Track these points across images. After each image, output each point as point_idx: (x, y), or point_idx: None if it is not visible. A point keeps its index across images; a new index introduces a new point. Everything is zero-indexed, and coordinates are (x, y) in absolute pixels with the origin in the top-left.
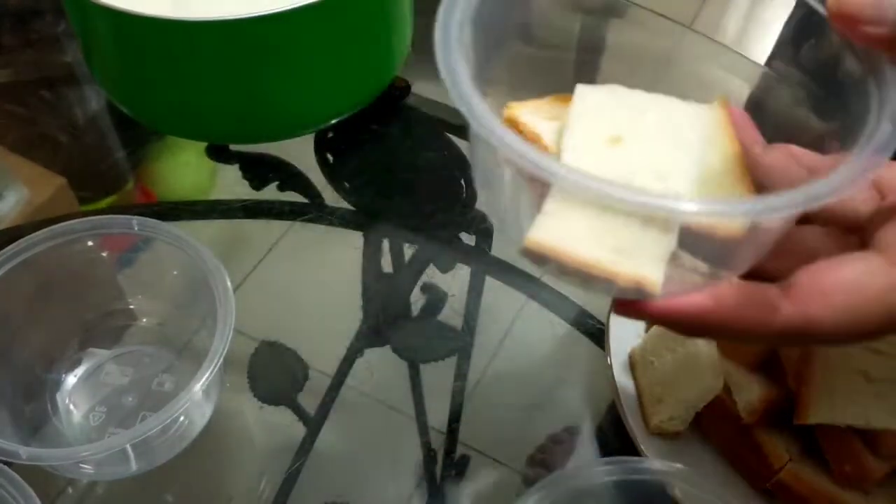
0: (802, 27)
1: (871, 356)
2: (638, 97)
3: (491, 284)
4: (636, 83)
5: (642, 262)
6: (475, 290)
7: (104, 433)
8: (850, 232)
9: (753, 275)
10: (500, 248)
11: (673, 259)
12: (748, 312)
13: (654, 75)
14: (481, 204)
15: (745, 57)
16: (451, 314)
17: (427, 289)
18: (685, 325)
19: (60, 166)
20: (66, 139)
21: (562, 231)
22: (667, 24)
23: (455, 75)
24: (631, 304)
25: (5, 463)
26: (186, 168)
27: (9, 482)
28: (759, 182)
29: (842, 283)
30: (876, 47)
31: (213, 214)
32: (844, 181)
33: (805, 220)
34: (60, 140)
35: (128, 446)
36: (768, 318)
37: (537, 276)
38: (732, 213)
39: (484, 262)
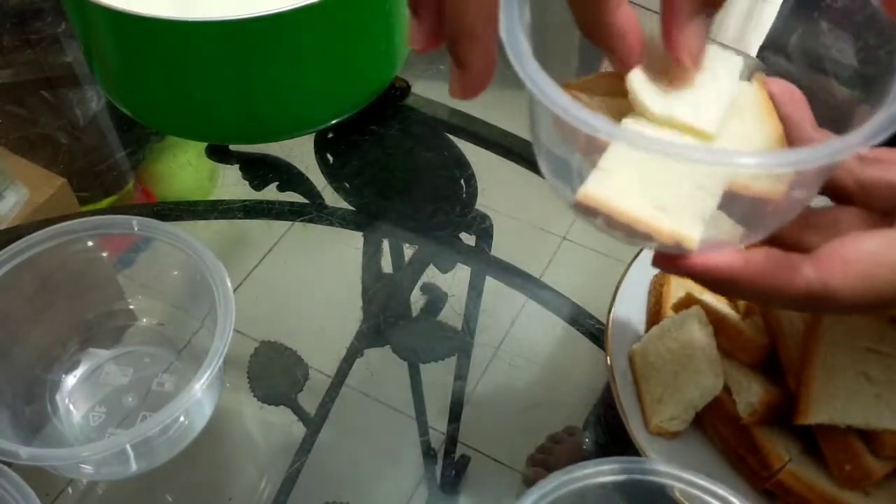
0: (790, 18)
1: (871, 357)
2: None
3: (491, 284)
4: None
5: (683, 219)
6: (475, 290)
7: (104, 433)
8: (886, 215)
9: (792, 249)
10: (500, 248)
11: (712, 220)
12: (774, 273)
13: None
14: (542, 168)
15: (734, 49)
16: (451, 314)
17: (427, 289)
18: (716, 280)
19: (60, 166)
20: (67, 139)
21: (612, 187)
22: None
23: (519, 46)
24: (668, 257)
25: (5, 463)
26: (186, 168)
27: (9, 482)
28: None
29: (862, 252)
30: None
31: (213, 214)
32: (877, 129)
33: (846, 200)
34: (60, 140)
35: (128, 446)
36: (792, 281)
37: (537, 276)
38: (782, 164)
39: (484, 262)
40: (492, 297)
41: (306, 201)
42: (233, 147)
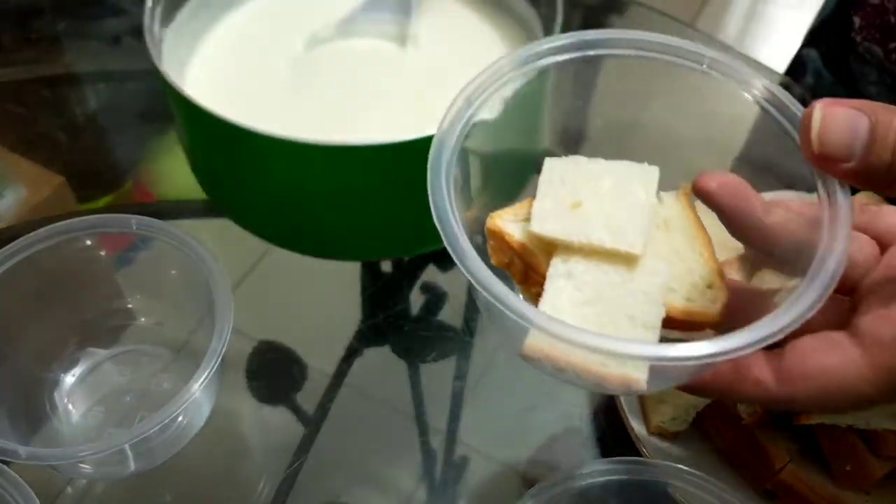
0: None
1: None
2: (597, 165)
3: None
4: (635, 83)
5: (628, 364)
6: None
7: (103, 433)
8: (845, 292)
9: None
10: None
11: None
12: (740, 387)
13: (650, 75)
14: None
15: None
16: (451, 314)
17: (427, 289)
18: (685, 388)
19: (59, 165)
20: (66, 138)
21: (553, 340)
22: (667, 23)
23: (447, 226)
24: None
25: (4, 462)
26: (185, 167)
27: (8, 482)
28: (764, 244)
29: (821, 372)
30: (845, 179)
31: (212, 214)
32: (793, 319)
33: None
34: (59, 139)
35: (126, 446)
36: (756, 393)
37: None
38: (689, 357)
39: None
40: None
41: None
42: None
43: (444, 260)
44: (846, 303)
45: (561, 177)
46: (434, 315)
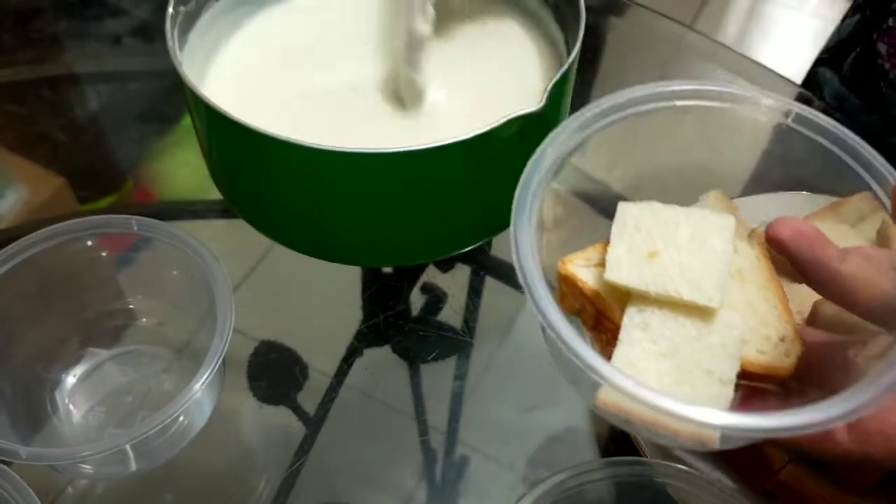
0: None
1: None
2: (673, 212)
3: (491, 284)
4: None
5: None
6: (475, 290)
7: (103, 433)
8: None
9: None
10: (500, 248)
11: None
12: (818, 442)
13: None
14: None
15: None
16: (451, 314)
17: (427, 289)
18: (762, 443)
19: (60, 166)
20: (66, 139)
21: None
22: (667, 23)
23: (536, 288)
24: None
25: (5, 462)
26: (186, 167)
27: (8, 482)
28: (841, 292)
29: None
30: None
31: (212, 214)
32: (881, 393)
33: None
34: (60, 140)
35: (127, 446)
36: (833, 450)
37: None
38: (760, 427)
39: (484, 262)
40: (492, 297)
41: None
42: None
43: (444, 260)
44: None
45: (636, 223)
46: (434, 315)
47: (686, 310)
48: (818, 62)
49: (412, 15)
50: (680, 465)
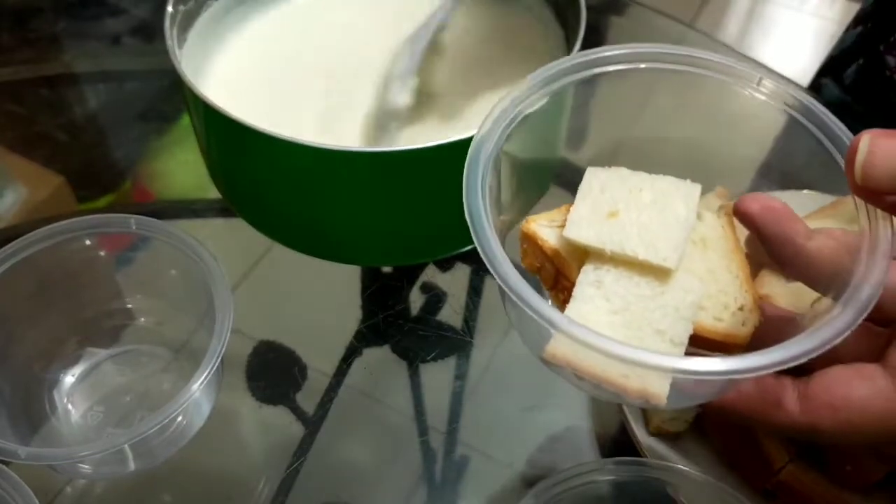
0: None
1: None
2: (639, 178)
3: (491, 284)
4: (634, 84)
5: (649, 376)
6: (475, 290)
7: (102, 433)
8: (882, 324)
9: None
10: None
11: None
12: (763, 408)
13: (649, 80)
14: (509, 316)
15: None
16: (451, 314)
17: (427, 289)
18: (712, 411)
19: (59, 165)
20: (65, 138)
21: (576, 346)
22: (667, 23)
23: (479, 226)
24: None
25: (4, 462)
26: (185, 167)
27: (7, 482)
28: (803, 269)
29: (848, 401)
30: (888, 211)
31: (211, 214)
32: (819, 344)
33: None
34: (59, 139)
35: (126, 446)
36: (779, 417)
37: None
38: (709, 371)
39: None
40: (492, 297)
41: None
42: None
43: (444, 260)
44: (883, 336)
45: (601, 186)
46: (434, 315)
47: (641, 269)
48: (821, 73)
49: (391, 82)
50: (680, 466)
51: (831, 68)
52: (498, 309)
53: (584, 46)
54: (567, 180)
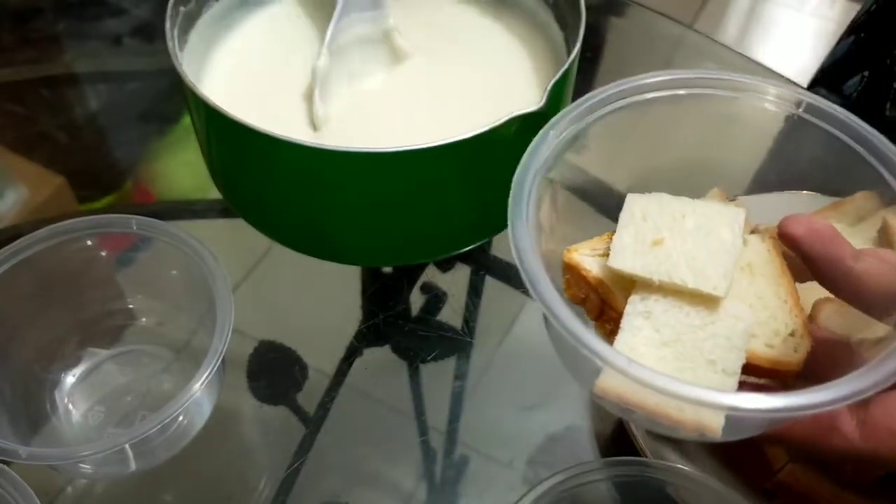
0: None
1: None
2: (681, 203)
3: (491, 284)
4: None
5: (704, 410)
6: (475, 290)
7: (103, 433)
8: None
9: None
10: (500, 248)
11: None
12: (822, 437)
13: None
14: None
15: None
16: (451, 314)
17: (427, 289)
18: (764, 437)
19: (60, 165)
20: (66, 138)
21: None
22: (667, 23)
23: (534, 271)
24: None
25: (4, 462)
26: (186, 167)
27: (8, 482)
28: (853, 291)
29: None
30: None
31: (212, 214)
32: (883, 378)
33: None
34: (60, 139)
35: (127, 446)
36: (840, 446)
37: None
38: (769, 409)
39: (484, 262)
40: (492, 297)
41: None
42: None
43: (444, 260)
44: None
45: (643, 213)
46: (434, 315)
47: (691, 298)
48: (813, 83)
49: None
50: (680, 465)
51: (826, 79)
52: (498, 309)
53: (584, 47)
54: (604, 206)
